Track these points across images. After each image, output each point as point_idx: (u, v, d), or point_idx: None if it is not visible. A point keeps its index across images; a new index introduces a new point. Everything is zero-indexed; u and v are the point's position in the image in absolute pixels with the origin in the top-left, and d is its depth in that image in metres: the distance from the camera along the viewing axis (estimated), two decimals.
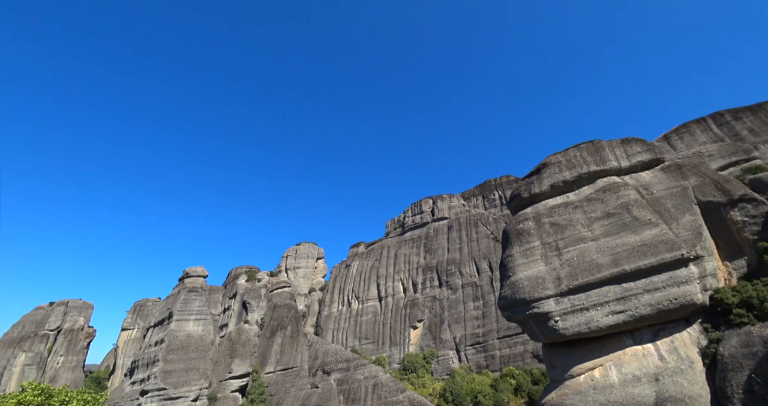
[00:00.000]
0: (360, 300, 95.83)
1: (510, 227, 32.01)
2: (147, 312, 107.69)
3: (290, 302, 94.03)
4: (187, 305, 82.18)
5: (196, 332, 79.75)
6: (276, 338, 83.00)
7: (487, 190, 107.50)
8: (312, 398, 66.49)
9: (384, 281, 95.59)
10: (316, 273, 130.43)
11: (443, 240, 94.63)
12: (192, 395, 68.96)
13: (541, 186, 32.87)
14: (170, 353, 73.01)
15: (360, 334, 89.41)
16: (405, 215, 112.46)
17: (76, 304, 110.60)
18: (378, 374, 66.13)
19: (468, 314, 78.35)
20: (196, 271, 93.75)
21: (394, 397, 60.28)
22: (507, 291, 28.95)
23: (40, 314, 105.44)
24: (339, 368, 71.68)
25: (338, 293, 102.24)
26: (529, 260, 29.58)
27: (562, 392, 25.40)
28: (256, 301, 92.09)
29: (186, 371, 71.44)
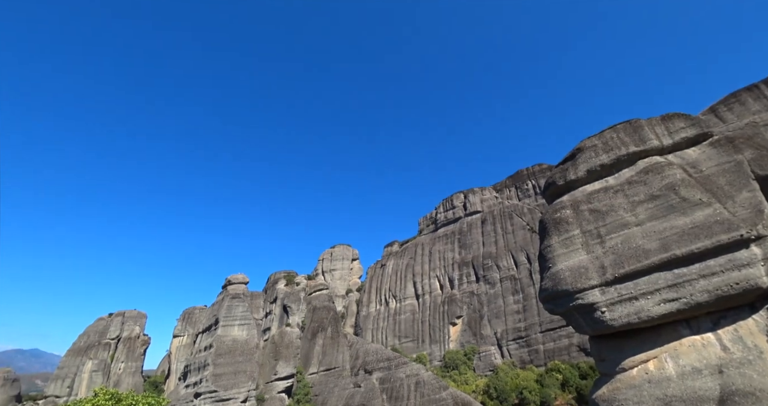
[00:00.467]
0: (397, 299, 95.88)
1: (546, 217, 30.74)
2: (195, 319, 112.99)
3: (329, 304, 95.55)
4: (231, 311, 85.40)
5: (242, 336, 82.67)
6: (317, 340, 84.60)
7: (519, 181, 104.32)
8: (355, 398, 67.20)
9: (420, 279, 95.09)
10: (352, 274, 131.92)
11: (477, 234, 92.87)
12: (241, 396, 71.58)
13: (576, 172, 31.33)
14: (219, 358, 76.16)
15: (399, 332, 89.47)
16: (437, 211, 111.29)
17: (131, 314, 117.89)
18: (420, 372, 65.85)
19: (508, 308, 76.44)
20: (237, 278, 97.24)
21: (436, 394, 59.78)
22: (548, 283, 27.83)
23: (101, 325, 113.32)
24: (380, 367, 72.02)
25: (375, 292, 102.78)
26: (570, 249, 28.28)
27: (613, 387, 24.09)
28: (295, 304, 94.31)
29: (234, 374, 74.26)
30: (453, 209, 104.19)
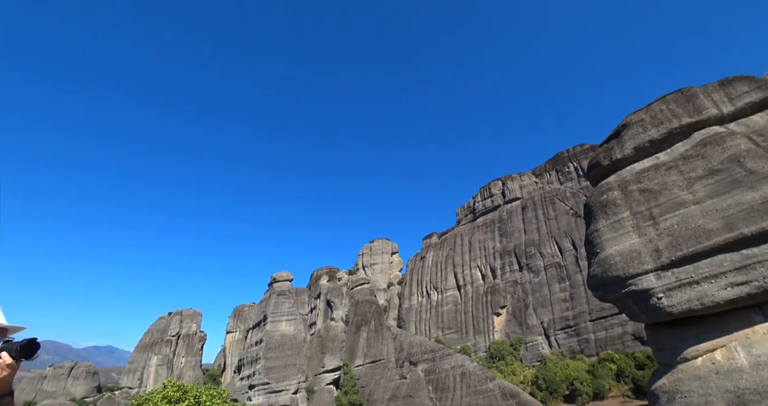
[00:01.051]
0: (439, 290, 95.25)
1: (592, 200, 29.01)
2: (245, 316, 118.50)
3: (371, 297, 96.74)
4: (278, 308, 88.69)
5: (289, 331, 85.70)
6: (361, 333, 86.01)
7: (560, 164, 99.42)
8: (402, 389, 67.78)
9: (461, 270, 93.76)
10: (392, 268, 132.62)
11: (518, 222, 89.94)
12: (292, 388, 74.43)
13: (623, 150, 29.23)
14: (269, 352, 79.50)
15: (442, 324, 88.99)
16: (474, 200, 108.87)
17: (188, 313, 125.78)
18: (465, 363, 65.20)
19: (554, 296, 73.64)
20: (282, 276, 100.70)
21: (483, 385, 58.95)
22: (596, 269, 26.33)
23: (163, 323, 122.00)
24: (425, 358, 72.06)
25: (416, 285, 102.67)
26: (619, 233, 26.54)
27: (675, 378, 22.44)
28: (339, 299, 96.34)
29: (284, 367, 77.26)
30: (491, 197, 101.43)
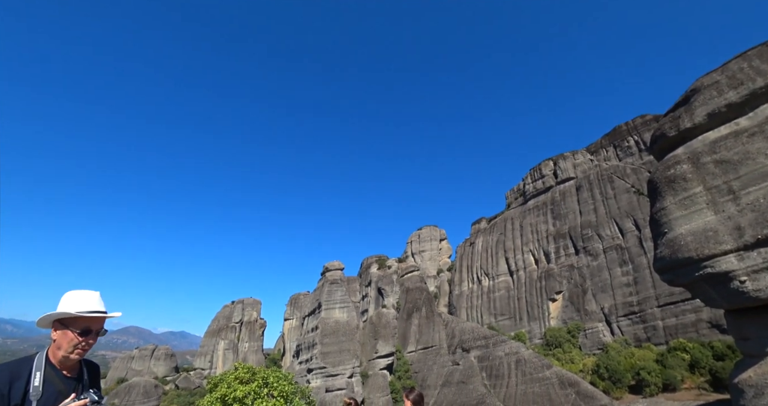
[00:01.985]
0: (490, 276, 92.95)
1: (657, 175, 26.24)
2: (300, 304, 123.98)
3: (421, 284, 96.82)
4: (331, 296, 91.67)
5: (343, 318, 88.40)
6: (413, 320, 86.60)
7: (618, 138, 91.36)
8: (454, 375, 67.54)
9: (512, 255, 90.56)
10: (441, 254, 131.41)
11: (572, 203, 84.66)
12: (347, 372, 77.05)
13: (693, 118, 25.99)
14: (324, 338, 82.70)
15: (494, 310, 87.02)
16: (524, 182, 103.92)
17: (249, 301, 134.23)
18: (519, 350, 63.45)
19: (615, 281, 68.85)
20: (334, 265, 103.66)
21: (540, 373, 57.04)
22: (664, 251, 23.93)
23: (227, 310, 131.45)
24: (478, 345, 71.08)
25: (466, 271, 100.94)
26: (691, 210, 23.85)
27: (763, 371, 19.99)
28: (389, 286, 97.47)
29: (339, 352, 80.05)
30: (542, 179, 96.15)
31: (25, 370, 2.14)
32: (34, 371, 2.14)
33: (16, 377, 2.08)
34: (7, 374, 2.05)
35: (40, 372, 2.14)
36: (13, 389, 2.03)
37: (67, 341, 2.23)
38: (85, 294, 2.31)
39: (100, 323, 2.35)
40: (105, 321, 2.38)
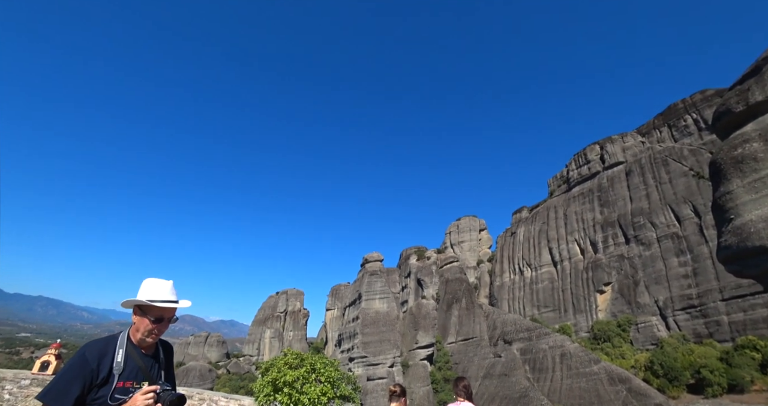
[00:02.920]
0: (532, 267, 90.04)
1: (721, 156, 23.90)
2: (341, 295, 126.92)
3: (461, 275, 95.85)
4: (371, 287, 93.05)
5: (383, 308, 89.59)
6: (453, 311, 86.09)
7: (673, 117, 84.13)
8: (496, 367, 66.54)
9: (556, 245, 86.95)
10: (481, 245, 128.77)
11: (622, 189, 79.66)
12: (388, 362, 78.19)
13: (765, 90, 23.38)
14: (365, 328, 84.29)
15: (538, 302, 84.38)
16: (568, 168, 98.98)
17: (292, 292, 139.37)
18: (565, 344, 61.38)
19: (671, 272, 64.30)
20: (373, 256, 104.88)
21: (586, 368, 54.86)
22: (730, 239, 21.91)
23: (272, 301, 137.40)
24: (520, 337, 69.50)
25: (507, 262, 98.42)
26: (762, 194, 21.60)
27: None
28: (428, 277, 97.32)
29: (380, 342, 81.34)
30: (588, 164, 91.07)
31: (111, 347, 2.47)
32: (117, 348, 2.47)
33: (104, 353, 2.41)
34: (96, 351, 2.39)
35: (122, 349, 2.47)
36: (101, 364, 2.35)
37: (144, 326, 2.52)
38: (160, 283, 2.60)
39: (172, 312, 2.61)
40: (174, 310, 2.63)
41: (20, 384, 9.16)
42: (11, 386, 8.99)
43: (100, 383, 2.30)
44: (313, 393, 6.89)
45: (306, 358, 7.97)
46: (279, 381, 7.08)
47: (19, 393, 9.11)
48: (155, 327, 2.54)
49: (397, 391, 5.66)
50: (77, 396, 2.22)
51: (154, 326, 2.53)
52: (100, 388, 2.30)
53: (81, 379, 2.24)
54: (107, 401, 2.29)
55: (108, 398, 2.30)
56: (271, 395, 7.21)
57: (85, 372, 2.26)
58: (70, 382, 2.23)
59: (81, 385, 2.24)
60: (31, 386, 9.21)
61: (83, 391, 2.24)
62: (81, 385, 2.24)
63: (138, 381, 2.45)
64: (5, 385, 8.95)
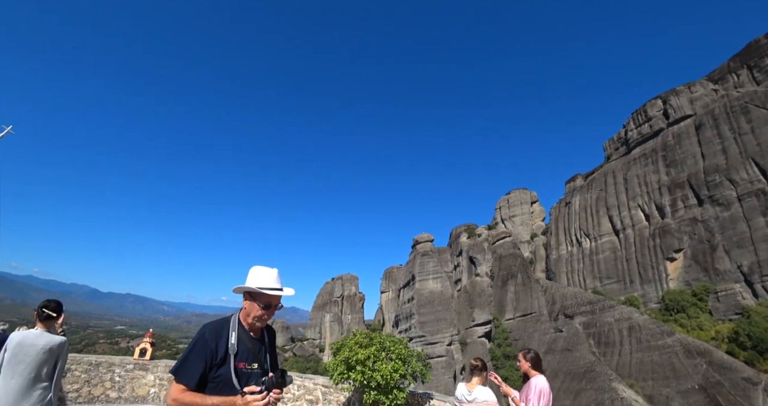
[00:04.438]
0: (591, 237, 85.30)
1: None
2: (395, 277, 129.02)
3: (514, 250, 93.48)
4: (423, 267, 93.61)
5: (437, 288, 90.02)
6: (508, 287, 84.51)
7: (754, 56, 72.82)
8: (558, 342, 64.75)
9: (617, 212, 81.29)
10: (534, 218, 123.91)
11: (691, 145, 72.09)
12: (446, 340, 78.93)
13: None
14: (421, 308, 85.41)
15: (599, 273, 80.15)
16: (626, 129, 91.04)
17: (347, 277, 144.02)
18: (632, 316, 58.20)
19: (757, 233, 57.82)
20: (423, 237, 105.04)
21: (659, 341, 51.69)
22: None
23: (329, 286, 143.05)
24: (582, 311, 66.91)
25: (563, 233, 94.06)
26: None
27: None
28: (481, 255, 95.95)
29: (436, 321, 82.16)
30: (649, 122, 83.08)
31: (225, 329, 2.66)
32: (231, 331, 2.66)
33: (220, 335, 2.62)
34: (214, 332, 2.61)
35: (235, 332, 2.66)
36: (219, 344, 2.56)
37: (254, 311, 2.68)
38: (267, 271, 2.73)
39: (278, 300, 2.76)
40: (280, 298, 2.77)
41: (126, 368, 10.39)
42: (119, 370, 10.25)
43: (218, 362, 2.50)
44: (385, 370, 7.10)
45: (375, 337, 8.21)
46: (351, 360, 7.38)
47: (126, 375, 10.35)
48: (264, 313, 2.69)
49: (478, 365, 5.60)
50: (201, 373, 2.44)
51: (263, 312, 2.68)
52: (219, 367, 2.50)
53: (203, 358, 2.46)
54: (230, 380, 2.49)
55: (228, 376, 2.50)
56: (345, 374, 7.52)
57: (206, 352, 2.48)
58: (195, 361, 2.46)
59: (203, 363, 2.45)
60: (135, 370, 10.42)
61: (206, 369, 2.46)
62: (203, 363, 2.45)
63: (249, 363, 2.62)
64: (115, 369, 10.22)
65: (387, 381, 7.07)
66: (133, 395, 10.21)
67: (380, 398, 7.30)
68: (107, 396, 10.05)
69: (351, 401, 8.98)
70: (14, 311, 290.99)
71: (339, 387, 8.65)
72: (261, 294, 2.67)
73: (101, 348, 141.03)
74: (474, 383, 5.53)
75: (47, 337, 4.04)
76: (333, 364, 7.77)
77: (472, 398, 5.37)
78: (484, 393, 5.36)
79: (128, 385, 10.27)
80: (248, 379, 2.56)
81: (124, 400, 10.09)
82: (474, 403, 5.36)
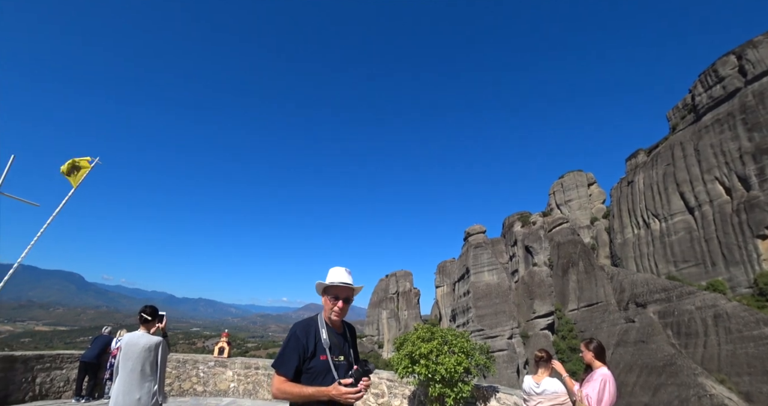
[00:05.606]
0: (660, 218, 78.30)
1: None
2: (448, 271, 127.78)
3: (573, 237, 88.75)
4: (477, 260, 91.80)
5: (493, 280, 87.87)
6: (570, 276, 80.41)
7: None
8: (630, 333, 60.39)
9: (689, 187, 73.68)
10: (592, 201, 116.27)
11: None
12: (506, 333, 76.77)
13: None
14: (478, 301, 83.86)
15: (673, 257, 73.39)
16: (693, 93, 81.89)
17: (401, 273, 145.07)
18: (718, 302, 52.76)
19: None
20: (475, 229, 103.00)
21: (753, 330, 46.32)
22: None
23: (384, 283, 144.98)
24: (656, 299, 61.86)
25: (628, 215, 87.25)
26: None
27: None
28: (537, 243, 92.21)
29: (495, 315, 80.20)
30: (721, 82, 74.04)
31: (312, 326, 3.00)
32: (319, 327, 3.00)
33: (308, 331, 2.94)
34: (304, 329, 2.94)
35: (324, 328, 2.99)
36: (308, 340, 2.88)
37: (327, 305, 3.01)
38: (338, 269, 3.09)
39: (345, 292, 3.02)
40: (352, 291, 3.06)
41: (208, 365, 11.40)
42: (203, 367, 11.28)
43: (309, 356, 2.81)
44: (449, 363, 7.14)
45: (436, 331, 8.28)
46: (415, 354, 7.50)
47: (209, 371, 11.38)
48: (334, 305, 2.97)
49: (543, 356, 5.45)
50: (296, 366, 2.76)
51: (333, 304, 2.97)
52: (310, 360, 2.81)
53: (297, 352, 2.79)
54: (322, 371, 2.80)
55: (319, 368, 2.81)
56: (409, 368, 7.67)
57: (299, 346, 2.80)
58: (290, 354, 2.79)
59: (298, 357, 2.78)
60: (216, 367, 11.41)
61: (300, 362, 2.78)
62: (298, 357, 2.78)
63: (336, 355, 2.91)
64: (199, 366, 11.28)
65: (451, 374, 7.12)
66: (216, 389, 11.21)
67: (445, 391, 7.36)
68: (194, 390, 11.11)
69: (416, 394, 9.13)
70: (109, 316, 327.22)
71: (404, 381, 8.83)
72: (330, 287, 2.98)
73: (181, 348, 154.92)
74: (541, 375, 5.39)
75: (147, 337, 4.73)
76: (397, 358, 7.96)
77: (541, 391, 5.24)
78: (553, 384, 5.21)
79: (211, 380, 11.28)
80: (337, 370, 2.83)
81: (208, 393, 11.11)
82: (543, 395, 5.22)
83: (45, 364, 9.49)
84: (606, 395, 4.32)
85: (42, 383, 9.34)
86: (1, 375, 8.62)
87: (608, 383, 4.39)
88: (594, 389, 4.43)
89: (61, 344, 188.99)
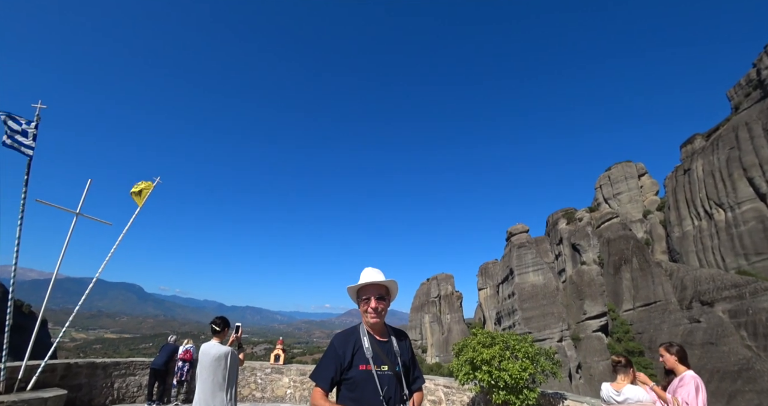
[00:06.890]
0: (725, 207, 71.77)
1: None
2: (491, 273, 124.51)
3: (624, 232, 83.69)
4: (521, 260, 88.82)
5: (539, 281, 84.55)
6: (622, 274, 75.79)
7: None
8: (696, 334, 55.68)
9: (759, 172, 66.88)
10: (644, 193, 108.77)
11: None
12: (555, 336, 73.36)
13: None
14: (524, 303, 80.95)
15: (743, 250, 66.90)
16: (757, 68, 74.27)
17: (442, 276, 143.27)
18: None
19: None
20: (517, 228, 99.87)
21: None
22: None
23: (425, 287, 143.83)
24: (725, 296, 56.74)
25: (686, 206, 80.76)
26: None
27: None
28: (584, 241, 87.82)
29: (543, 316, 76.95)
30: None
31: (353, 336, 2.92)
32: (361, 336, 2.91)
33: (347, 341, 2.87)
34: (342, 340, 2.87)
35: (366, 337, 2.90)
36: (346, 351, 2.81)
37: (362, 309, 2.92)
38: (365, 271, 3.02)
39: (373, 289, 2.89)
40: (384, 288, 2.92)
41: (265, 372, 11.73)
42: (260, 374, 11.62)
43: (347, 366, 2.75)
44: (513, 369, 6.84)
45: (497, 336, 8.00)
46: (476, 360, 7.27)
47: (266, 378, 11.70)
48: (367, 306, 2.86)
49: (621, 361, 5.07)
50: (332, 377, 2.71)
51: (366, 306, 2.87)
52: (348, 370, 2.75)
53: (333, 363, 2.74)
54: (360, 381, 2.71)
55: (357, 379, 2.73)
56: (470, 374, 7.43)
57: (336, 357, 2.76)
58: (327, 365, 2.76)
59: (334, 368, 2.73)
60: (272, 373, 11.71)
61: (336, 372, 2.73)
62: (334, 368, 2.73)
63: (379, 365, 2.79)
64: (257, 372, 11.63)
65: (516, 381, 6.81)
66: (273, 395, 11.50)
67: (510, 399, 7.05)
68: (253, 396, 11.47)
69: (476, 401, 8.85)
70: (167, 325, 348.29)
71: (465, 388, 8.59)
72: (361, 290, 2.92)
73: None
74: (621, 382, 5.00)
75: (217, 347, 4.93)
76: (457, 364, 7.76)
77: (623, 399, 4.84)
78: (636, 392, 4.79)
79: (269, 386, 11.60)
80: (380, 381, 2.73)
81: (266, 399, 11.42)
82: (625, 404, 4.83)
83: (121, 370, 10.18)
84: (700, 397, 4.11)
85: (119, 389, 10.02)
86: (86, 381, 9.34)
87: (700, 385, 4.18)
88: (689, 394, 4.16)
89: (127, 350, 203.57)
